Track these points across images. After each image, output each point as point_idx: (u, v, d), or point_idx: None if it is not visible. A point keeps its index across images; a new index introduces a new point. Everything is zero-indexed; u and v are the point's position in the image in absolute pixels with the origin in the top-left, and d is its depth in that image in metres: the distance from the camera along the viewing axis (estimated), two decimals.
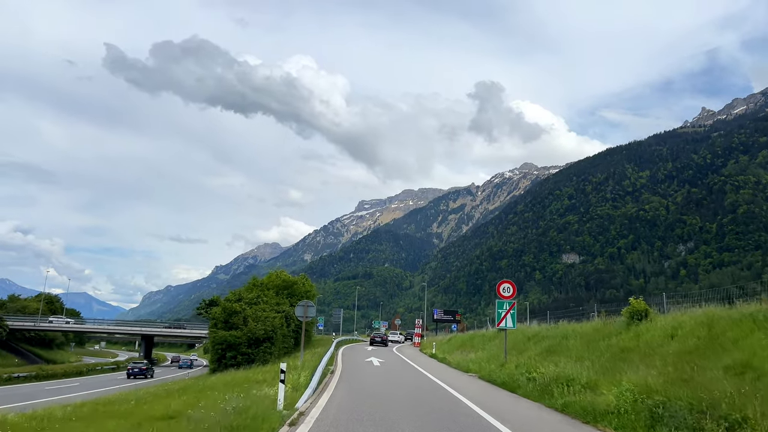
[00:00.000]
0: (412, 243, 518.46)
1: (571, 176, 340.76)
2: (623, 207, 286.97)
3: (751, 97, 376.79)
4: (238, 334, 25.31)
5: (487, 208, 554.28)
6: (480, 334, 32.10)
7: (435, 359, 29.58)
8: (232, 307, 26.53)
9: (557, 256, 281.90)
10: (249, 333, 25.48)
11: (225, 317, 26.25)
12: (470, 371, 21.77)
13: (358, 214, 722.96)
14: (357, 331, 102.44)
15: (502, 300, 21.52)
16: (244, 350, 25.28)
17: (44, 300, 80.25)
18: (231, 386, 16.55)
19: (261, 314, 26.48)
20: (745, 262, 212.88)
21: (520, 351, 21.97)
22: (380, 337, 54.46)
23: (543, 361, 18.15)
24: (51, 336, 73.25)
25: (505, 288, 21.42)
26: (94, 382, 42.70)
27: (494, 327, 37.57)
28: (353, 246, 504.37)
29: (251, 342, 25.60)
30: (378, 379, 18.71)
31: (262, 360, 25.47)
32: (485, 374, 19.70)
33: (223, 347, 25.36)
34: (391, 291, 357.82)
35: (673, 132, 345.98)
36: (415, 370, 22.84)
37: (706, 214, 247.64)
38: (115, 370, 59.61)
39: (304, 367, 18.30)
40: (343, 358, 27.93)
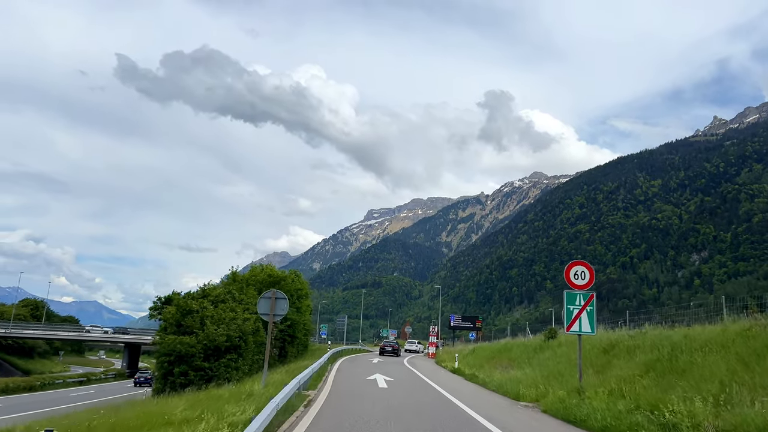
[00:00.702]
0: (421, 252, 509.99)
1: (582, 185, 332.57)
2: (635, 216, 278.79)
3: (764, 106, 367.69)
4: (190, 341, 17.83)
5: (496, 217, 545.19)
6: (519, 343, 24.47)
7: (461, 377, 22.08)
8: (188, 304, 19.18)
9: None
10: (206, 340, 18.00)
11: (178, 318, 18.93)
12: (523, 398, 14.24)
13: (367, 223, 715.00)
14: (363, 341, 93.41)
15: (574, 291, 14.12)
16: (199, 363, 17.77)
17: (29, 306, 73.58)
18: None
19: (226, 315, 19.09)
20: (761, 271, 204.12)
21: (597, 369, 14.36)
22: (391, 346, 48.78)
23: (654, 388, 10.66)
24: (30, 344, 66.14)
25: (577, 273, 14.03)
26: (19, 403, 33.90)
27: (525, 336, 30.41)
28: (362, 255, 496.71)
29: (209, 352, 18.11)
30: (383, 413, 11.19)
31: (225, 377, 18.01)
32: (553, 406, 12.12)
33: (171, 359, 17.98)
34: (400, 300, 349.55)
35: (685, 141, 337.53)
36: (440, 396, 15.28)
37: (720, 223, 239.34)
38: (86, 382, 51.57)
39: (261, 395, 10.94)
40: (338, 375, 20.53)
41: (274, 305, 13.42)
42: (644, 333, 15.47)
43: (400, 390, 16.25)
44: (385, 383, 17.69)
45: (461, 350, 32.68)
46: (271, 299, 13.51)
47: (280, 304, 13.54)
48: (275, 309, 13.43)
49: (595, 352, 15.72)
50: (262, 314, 13.72)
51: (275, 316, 13.60)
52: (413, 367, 27.62)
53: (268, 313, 13.53)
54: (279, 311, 13.55)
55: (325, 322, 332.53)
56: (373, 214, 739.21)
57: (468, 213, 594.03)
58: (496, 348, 26.59)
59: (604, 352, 15.51)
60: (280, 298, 13.65)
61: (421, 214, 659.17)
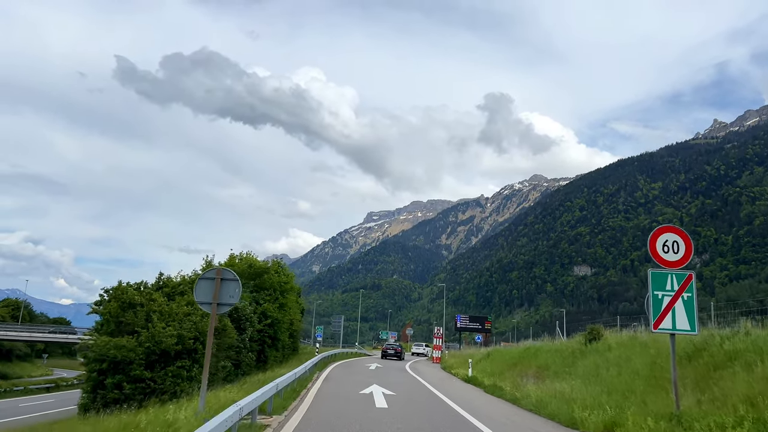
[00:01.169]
0: (421, 255, 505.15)
1: (582, 188, 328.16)
2: (636, 219, 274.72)
3: (764, 109, 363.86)
4: (129, 344, 13.21)
5: (496, 219, 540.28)
6: (547, 347, 19.56)
7: (480, 389, 17.29)
8: (131, 296, 14.59)
9: (569, 268, 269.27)
10: (150, 342, 13.44)
11: (118, 313, 14.42)
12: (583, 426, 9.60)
13: (367, 226, 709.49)
14: (361, 344, 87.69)
15: (663, 271, 9.69)
16: (138, 373, 13.16)
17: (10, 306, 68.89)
18: None
19: (180, 310, 14.49)
20: (762, 274, 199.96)
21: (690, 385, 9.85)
22: (394, 349, 45.30)
23: None
24: (8, 346, 61.35)
25: (667, 243, 9.57)
26: None
27: (555, 338, 25.81)
28: (361, 257, 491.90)
29: (154, 358, 13.55)
30: None
31: (173, 389, 13.45)
32: None
33: (104, 367, 13.43)
34: (400, 303, 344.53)
35: (685, 143, 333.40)
36: (463, 421, 10.73)
37: (721, 226, 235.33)
38: (54, 389, 45.78)
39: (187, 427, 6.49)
40: (324, 387, 15.94)
41: (219, 290, 8.91)
42: (746, 333, 10.94)
43: (405, 410, 11.73)
44: (384, 400, 13.15)
45: (472, 354, 27.98)
46: (214, 281, 9.00)
47: (229, 288, 8.90)
48: (220, 295, 8.94)
49: (674, 358, 11.11)
50: (202, 303, 9.19)
51: (222, 306, 9.09)
52: (418, 374, 22.99)
53: (208, 301, 9.03)
54: (226, 299, 8.96)
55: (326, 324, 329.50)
56: (372, 217, 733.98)
57: (468, 215, 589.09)
58: (517, 353, 21.90)
59: (688, 360, 10.97)
60: (229, 280, 9.00)
61: (420, 217, 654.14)
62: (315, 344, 32.98)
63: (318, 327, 60.58)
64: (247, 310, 18.99)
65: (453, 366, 25.73)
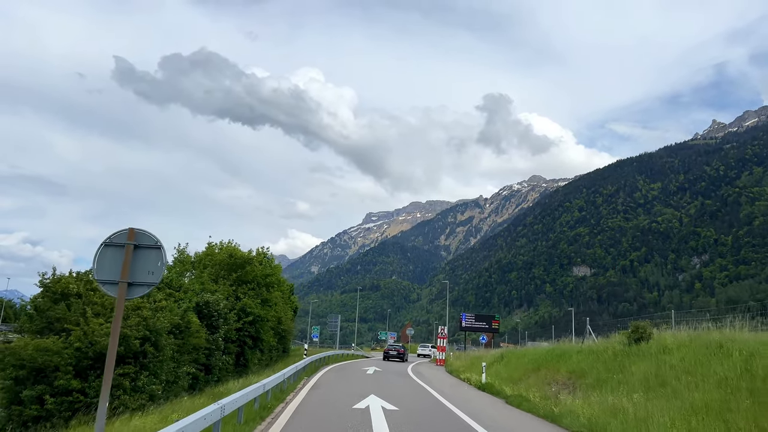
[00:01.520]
0: (420, 255, 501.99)
1: (581, 188, 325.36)
2: (635, 219, 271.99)
3: (763, 110, 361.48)
4: (54, 346, 10.01)
5: (495, 220, 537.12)
6: (577, 348, 16.11)
7: (498, 398, 13.86)
8: (64, 284, 11.32)
9: (568, 269, 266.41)
10: (83, 342, 10.20)
11: (48, 307, 11.22)
12: None
13: (366, 227, 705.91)
14: (359, 345, 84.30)
15: None
16: (63, 383, 9.93)
17: None
18: None
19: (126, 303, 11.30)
20: (763, 275, 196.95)
21: None
22: (396, 350, 43.19)
23: None
24: None
25: None
26: None
27: (585, 337, 22.63)
28: (360, 258, 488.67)
29: (87, 363, 10.32)
30: None
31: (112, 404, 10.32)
32: None
33: (22, 375, 10.21)
34: (399, 303, 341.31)
35: (684, 144, 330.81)
36: None
37: (720, 227, 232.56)
38: None
39: None
40: (309, 397, 12.55)
41: (130, 262, 5.65)
42: None
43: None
44: (384, 419, 9.88)
45: (481, 357, 24.55)
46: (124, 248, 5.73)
47: (146, 260, 5.61)
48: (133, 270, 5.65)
49: None
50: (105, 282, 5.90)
51: (134, 286, 5.83)
52: (423, 380, 19.61)
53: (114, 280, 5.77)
54: (142, 275, 5.65)
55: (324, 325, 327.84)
56: (371, 218, 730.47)
57: (467, 216, 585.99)
58: (538, 354, 18.34)
59: None
60: (147, 248, 5.73)
61: (419, 218, 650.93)
62: (305, 346, 29.79)
63: (314, 327, 57.51)
64: (221, 305, 15.74)
65: (461, 370, 22.63)
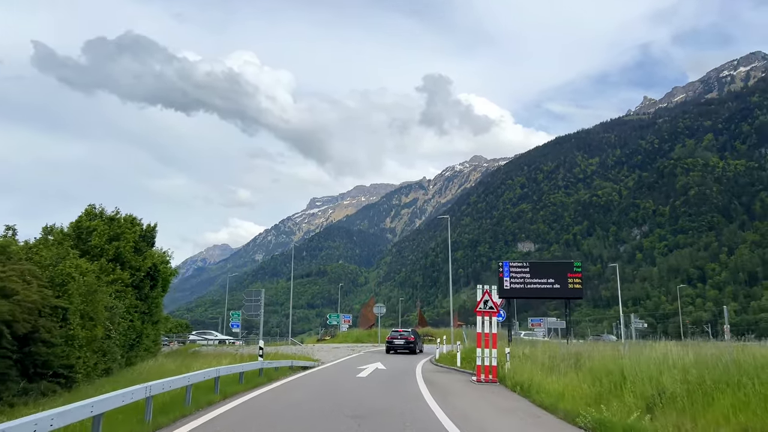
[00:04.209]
0: (366, 239, 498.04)
1: (522, 166, 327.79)
2: (576, 194, 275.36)
3: (690, 86, 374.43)
4: None
5: (439, 201, 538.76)
6: None
7: None
8: None
9: (513, 245, 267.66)
10: None
11: None
12: None
13: (310, 212, 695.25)
14: (295, 338, 61.25)
15: None
16: None
17: None
18: None
19: None
20: (700, 243, 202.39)
21: None
22: (403, 338, 32.87)
23: None
24: None
25: None
26: None
27: None
28: (306, 244, 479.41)
29: None
30: None
31: None
32: None
33: None
34: (347, 288, 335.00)
35: (619, 120, 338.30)
36: None
37: (658, 198, 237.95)
38: None
39: None
40: None
41: None
42: None
43: None
44: None
45: (578, 354, 15.16)
46: None
47: None
48: None
49: None
50: None
51: None
52: None
53: None
54: None
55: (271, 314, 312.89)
56: (315, 203, 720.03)
57: (411, 198, 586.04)
58: None
59: None
60: None
61: (364, 201, 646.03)
62: (260, 343, 21.98)
63: (234, 313, 44.35)
64: None
65: (551, 396, 12.15)
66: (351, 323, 63.24)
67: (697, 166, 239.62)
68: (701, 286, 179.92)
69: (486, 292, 17.01)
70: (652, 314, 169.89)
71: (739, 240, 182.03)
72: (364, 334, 53.23)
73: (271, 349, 27.99)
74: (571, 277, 24.55)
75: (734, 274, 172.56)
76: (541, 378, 13.62)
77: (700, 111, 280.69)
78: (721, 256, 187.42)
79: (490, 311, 16.66)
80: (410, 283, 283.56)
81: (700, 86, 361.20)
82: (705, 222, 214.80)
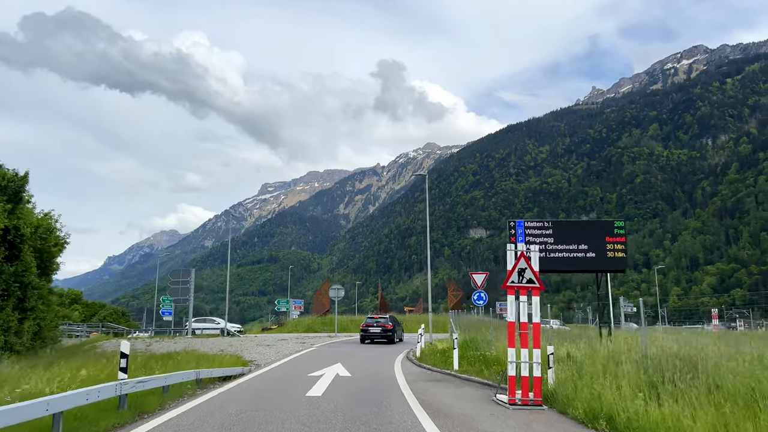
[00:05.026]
0: (319, 225, 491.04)
1: (475, 153, 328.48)
2: (526, 181, 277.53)
3: (636, 77, 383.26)
4: None
5: (393, 187, 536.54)
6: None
7: None
8: None
9: (465, 232, 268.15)
10: None
11: None
12: None
13: (262, 197, 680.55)
14: (239, 325, 50.42)
15: None
16: None
17: None
18: None
19: None
20: (645, 230, 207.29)
21: None
22: (380, 326, 27.26)
23: None
24: None
25: None
26: None
27: None
28: (257, 230, 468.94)
29: None
30: None
31: None
32: None
33: None
34: (299, 274, 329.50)
35: (569, 109, 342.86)
36: None
37: (606, 185, 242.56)
38: None
39: None
40: None
41: None
42: None
43: None
44: None
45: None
46: None
47: None
48: None
49: None
50: None
51: None
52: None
53: None
54: None
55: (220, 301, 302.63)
56: (267, 188, 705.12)
57: (365, 184, 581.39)
58: None
59: None
60: None
61: (317, 187, 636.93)
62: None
63: (164, 298, 37.79)
64: None
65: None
66: (303, 309, 59.11)
67: (643, 155, 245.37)
68: (646, 271, 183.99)
69: (521, 255, 10.35)
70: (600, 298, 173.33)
71: (682, 227, 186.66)
72: (318, 321, 47.35)
73: (185, 344, 22.21)
74: (611, 242, 17.32)
75: (677, 259, 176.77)
76: (628, 401, 7.75)
77: (646, 101, 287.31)
78: (665, 242, 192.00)
79: (529, 286, 10.14)
80: (364, 270, 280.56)
81: (646, 77, 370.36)
82: (650, 209, 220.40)
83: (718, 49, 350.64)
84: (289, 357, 19.51)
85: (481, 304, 23.30)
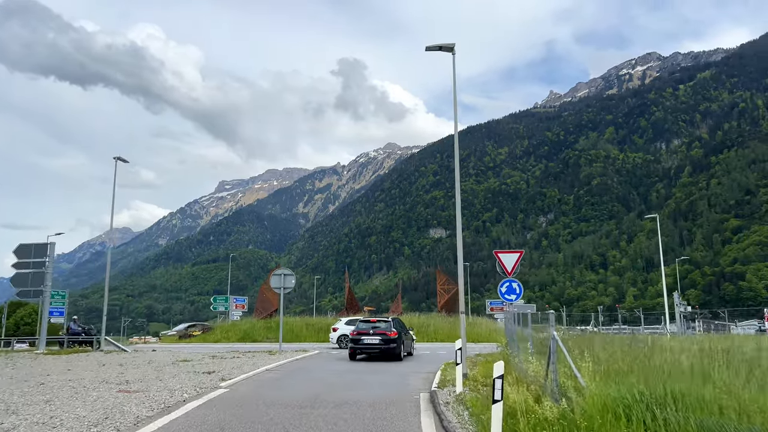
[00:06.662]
0: (277, 224, 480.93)
1: (435, 153, 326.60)
2: (486, 182, 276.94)
3: (593, 81, 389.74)
4: None
5: (353, 187, 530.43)
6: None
7: None
8: None
9: (425, 231, 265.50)
10: None
11: None
12: None
13: (219, 195, 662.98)
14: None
15: None
16: None
17: None
18: None
19: None
20: (602, 231, 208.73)
21: None
22: (379, 333, 18.91)
23: None
24: None
25: None
26: None
27: None
28: (213, 228, 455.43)
29: None
30: None
31: None
32: None
33: None
34: (256, 273, 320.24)
35: (527, 112, 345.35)
36: None
37: (563, 187, 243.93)
38: None
39: None
40: None
41: None
42: None
43: None
44: None
45: None
46: None
47: None
48: None
49: None
50: None
51: None
52: None
53: None
54: None
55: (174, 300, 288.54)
56: (225, 186, 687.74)
57: (325, 183, 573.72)
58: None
59: None
60: None
61: (276, 185, 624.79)
62: None
63: (54, 292, 29.96)
64: None
65: None
66: (246, 309, 48.52)
67: (600, 158, 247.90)
68: (603, 271, 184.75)
69: None
70: (558, 299, 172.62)
71: (638, 228, 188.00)
72: (260, 326, 37.46)
73: None
74: None
75: (633, 260, 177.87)
76: None
77: (602, 106, 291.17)
78: (621, 243, 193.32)
79: None
80: (323, 269, 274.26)
81: (602, 83, 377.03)
82: (606, 211, 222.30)
83: (671, 56, 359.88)
84: None
85: (513, 299, 13.58)
